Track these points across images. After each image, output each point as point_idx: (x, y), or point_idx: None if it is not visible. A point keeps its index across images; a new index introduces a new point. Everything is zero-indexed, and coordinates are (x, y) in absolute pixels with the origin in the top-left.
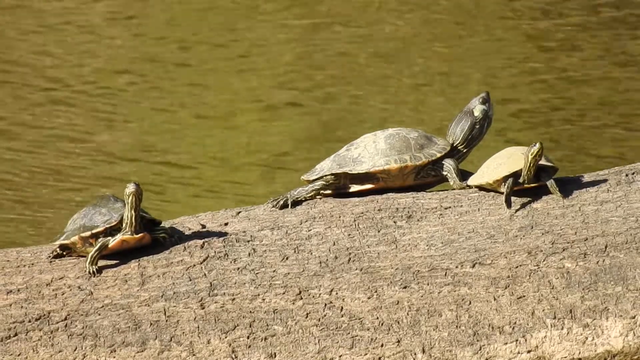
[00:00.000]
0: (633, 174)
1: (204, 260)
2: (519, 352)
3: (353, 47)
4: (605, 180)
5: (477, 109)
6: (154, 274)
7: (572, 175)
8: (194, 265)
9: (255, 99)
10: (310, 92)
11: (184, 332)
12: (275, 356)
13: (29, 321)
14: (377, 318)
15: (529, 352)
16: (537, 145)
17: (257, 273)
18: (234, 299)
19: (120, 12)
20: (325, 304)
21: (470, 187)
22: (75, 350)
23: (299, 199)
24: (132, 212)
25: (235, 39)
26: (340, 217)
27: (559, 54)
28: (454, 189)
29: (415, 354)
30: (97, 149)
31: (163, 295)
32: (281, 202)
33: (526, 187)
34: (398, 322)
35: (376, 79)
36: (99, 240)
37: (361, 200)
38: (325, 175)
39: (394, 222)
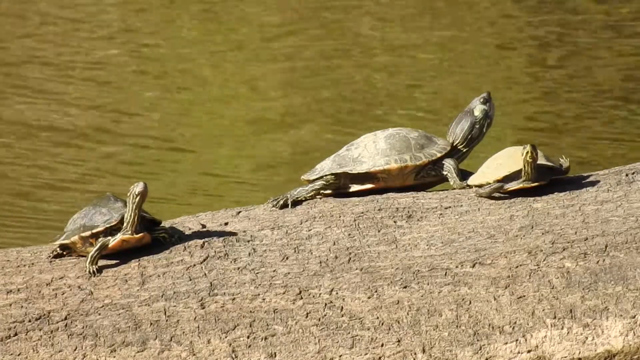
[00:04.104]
0: (633, 173)
1: (204, 260)
2: (519, 352)
3: None
4: (605, 180)
5: (478, 109)
6: (154, 273)
7: (572, 175)
8: (194, 265)
9: None
10: None
11: (184, 332)
12: (275, 356)
13: (29, 321)
14: (377, 318)
15: (529, 351)
16: (527, 147)
17: (257, 273)
18: (234, 299)
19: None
20: (326, 304)
21: (470, 187)
22: (75, 350)
23: (299, 198)
24: (134, 211)
25: None
26: (340, 216)
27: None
28: (454, 189)
29: (415, 353)
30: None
31: (163, 295)
32: (281, 202)
33: (527, 187)
34: (398, 322)
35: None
36: (99, 240)
37: (361, 200)
38: (326, 175)
39: (394, 221)
